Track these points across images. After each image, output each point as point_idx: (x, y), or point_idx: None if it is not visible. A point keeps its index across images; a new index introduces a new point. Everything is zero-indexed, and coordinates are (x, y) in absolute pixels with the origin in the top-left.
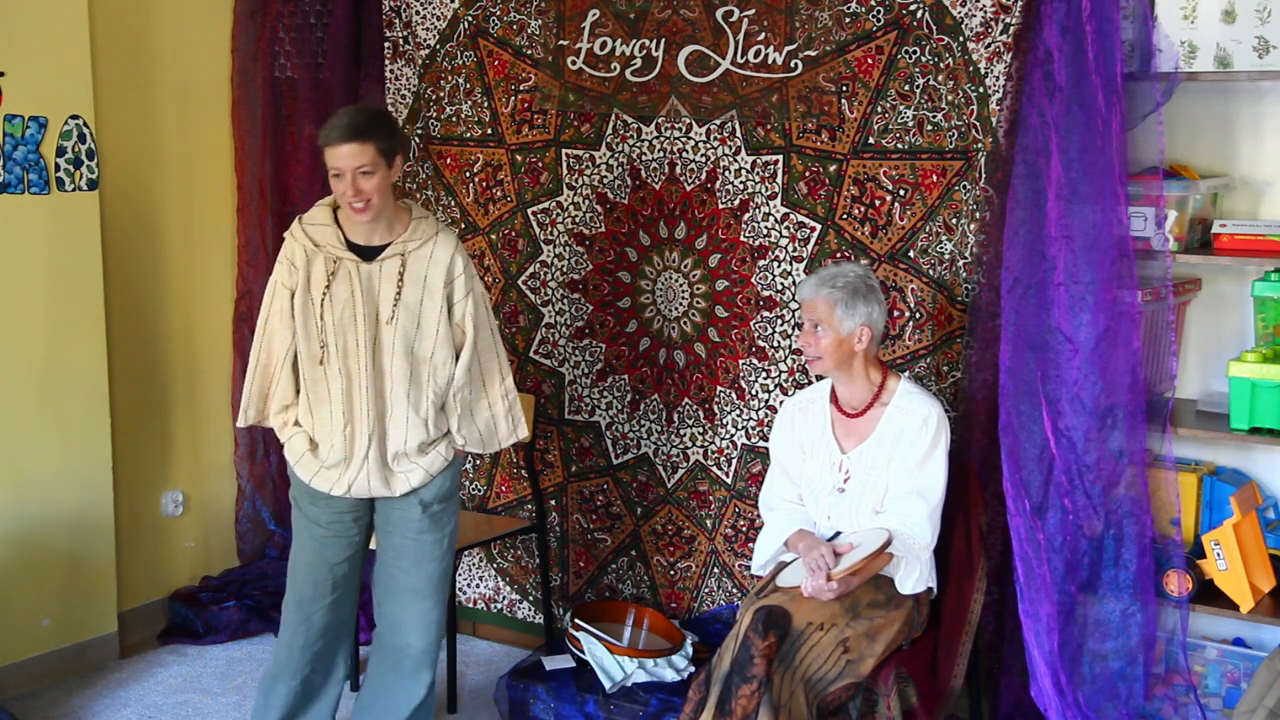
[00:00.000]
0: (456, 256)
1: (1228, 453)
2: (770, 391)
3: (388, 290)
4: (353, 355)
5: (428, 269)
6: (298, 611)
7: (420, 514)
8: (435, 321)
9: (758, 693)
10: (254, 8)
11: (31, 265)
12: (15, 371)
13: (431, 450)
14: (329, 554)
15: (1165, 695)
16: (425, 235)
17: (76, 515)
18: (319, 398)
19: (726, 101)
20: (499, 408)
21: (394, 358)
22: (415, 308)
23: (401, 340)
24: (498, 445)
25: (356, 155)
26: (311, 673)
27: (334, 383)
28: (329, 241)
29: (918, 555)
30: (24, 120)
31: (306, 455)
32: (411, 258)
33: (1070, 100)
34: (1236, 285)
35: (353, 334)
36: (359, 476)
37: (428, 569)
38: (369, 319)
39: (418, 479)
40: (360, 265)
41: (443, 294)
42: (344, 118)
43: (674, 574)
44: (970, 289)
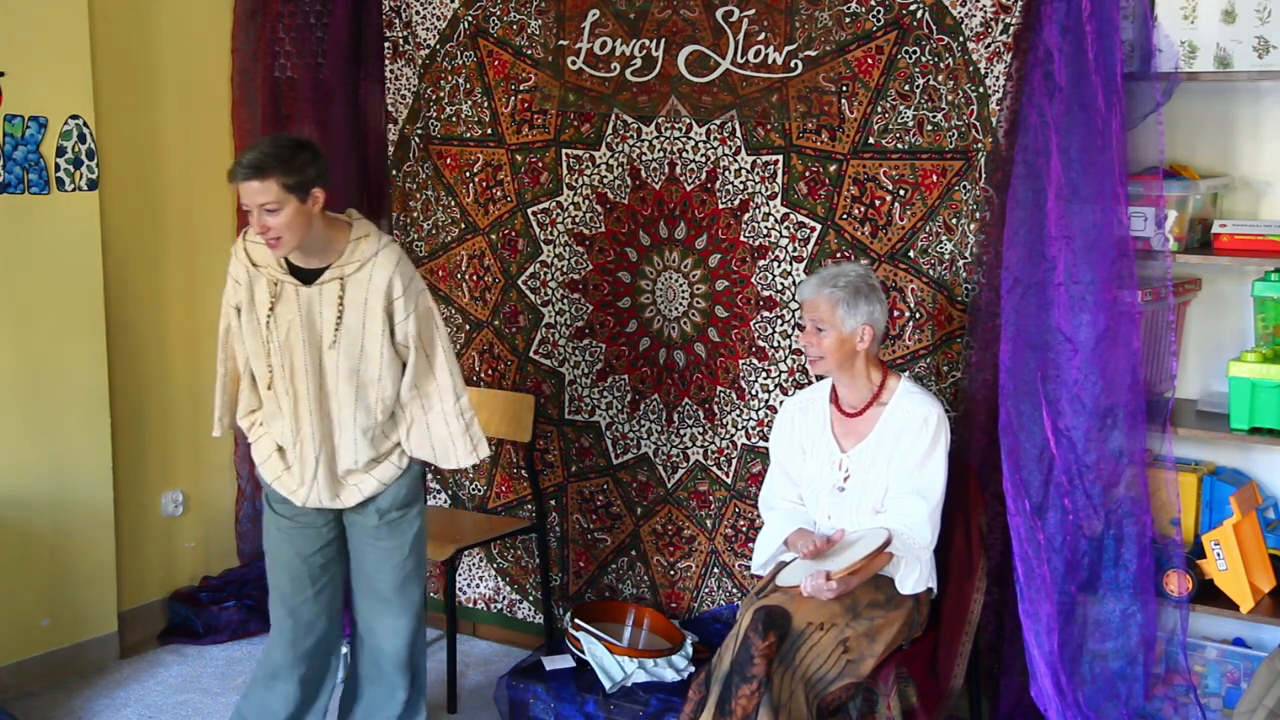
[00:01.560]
0: (395, 279)
1: (1228, 453)
2: (770, 391)
3: (329, 315)
4: (299, 376)
5: (367, 293)
6: (282, 607)
7: (377, 521)
8: (378, 345)
9: (758, 693)
10: (254, 8)
11: (31, 265)
12: (15, 371)
13: (384, 461)
14: (300, 545)
15: (1165, 695)
16: (363, 257)
17: (76, 515)
18: (271, 413)
19: (726, 101)
20: (454, 426)
21: (339, 381)
22: (358, 331)
23: (345, 364)
24: (455, 463)
25: (259, 193)
26: (308, 670)
27: (282, 400)
28: (268, 263)
29: (918, 555)
30: (24, 120)
31: (272, 457)
32: (350, 281)
33: (1070, 100)
34: (1236, 285)
35: (299, 356)
36: (311, 490)
37: (388, 575)
38: (311, 343)
39: (370, 488)
40: (300, 289)
41: (383, 317)
42: (250, 153)
43: (674, 574)
44: (970, 289)
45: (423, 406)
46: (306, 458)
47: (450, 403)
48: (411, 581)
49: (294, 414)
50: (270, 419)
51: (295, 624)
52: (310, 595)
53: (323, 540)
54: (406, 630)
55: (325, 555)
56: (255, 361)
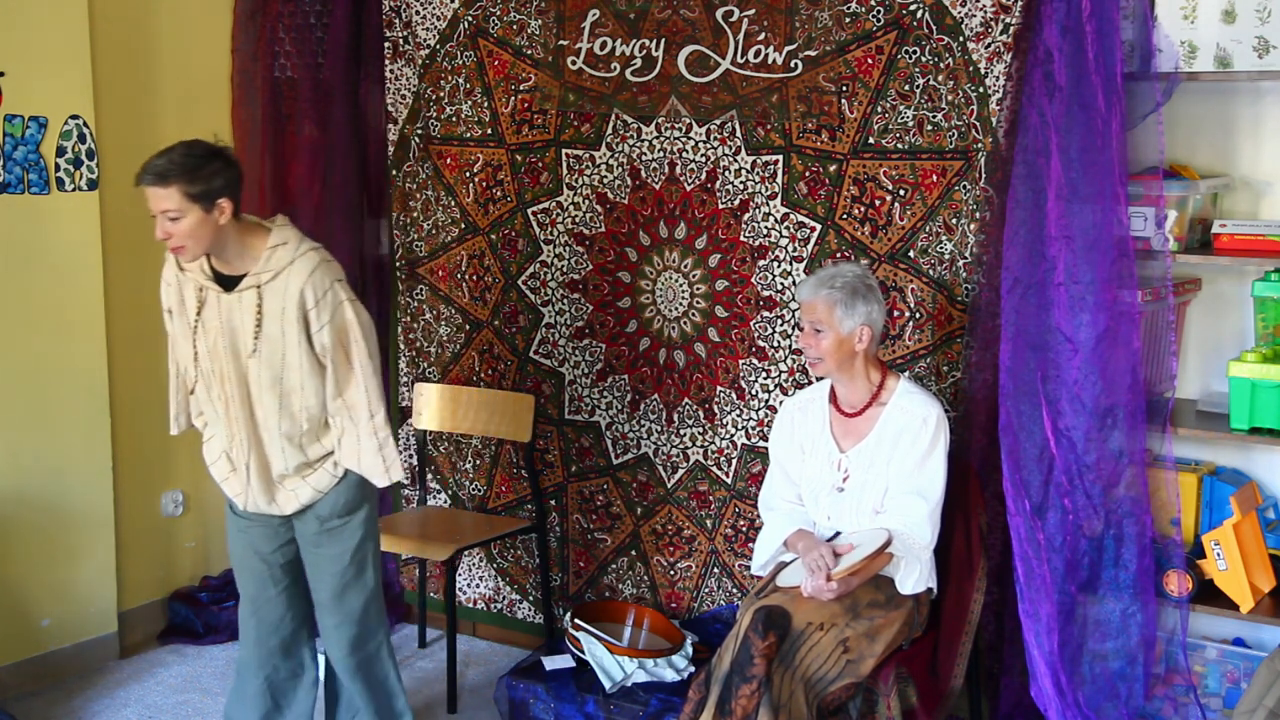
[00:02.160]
0: (306, 290)
1: (1228, 453)
2: (770, 391)
3: (248, 323)
4: (226, 382)
5: (284, 301)
6: (246, 606)
7: (317, 528)
8: (298, 354)
9: (758, 693)
10: (254, 8)
11: (31, 265)
12: (15, 371)
13: (319, 467)
14: (258, 544)
15: (1165, 695)
16: (278, 266)
17: (77, 515)
18: (211, 417)
19: (726, 101)
20: (368, 445)
21: (261, 390)
22: (277, 340)
23: (267, 372)
24: (376, 481)
25: (161, 199)
26: (276, 671)
27: (215, 405)
28: (194, 268)
29: (918, 555)
30: (24, 120)
31: (222, 459)
32: (267, 290)
33: (1070, 100)
34: (1236, 285)
35: (224, 362)
36: (249, 494)
37: (327, 583)
38: (233, 350)
39: (307, 496)
40: (222, 295)
41: (300, 326)
42: (158, 159)
43: (674, 574)
44: (970, 289)
45: (350, 418)
46: (239, 461)
47: (364, 419)
48: (352, 590)
49: (226, 419)
50: (211, 422)
51: (259, 623)
52: (273, 594)
53: (280, 539)
54: (347, 640)
55: (285, 554)
56: (185, 367)
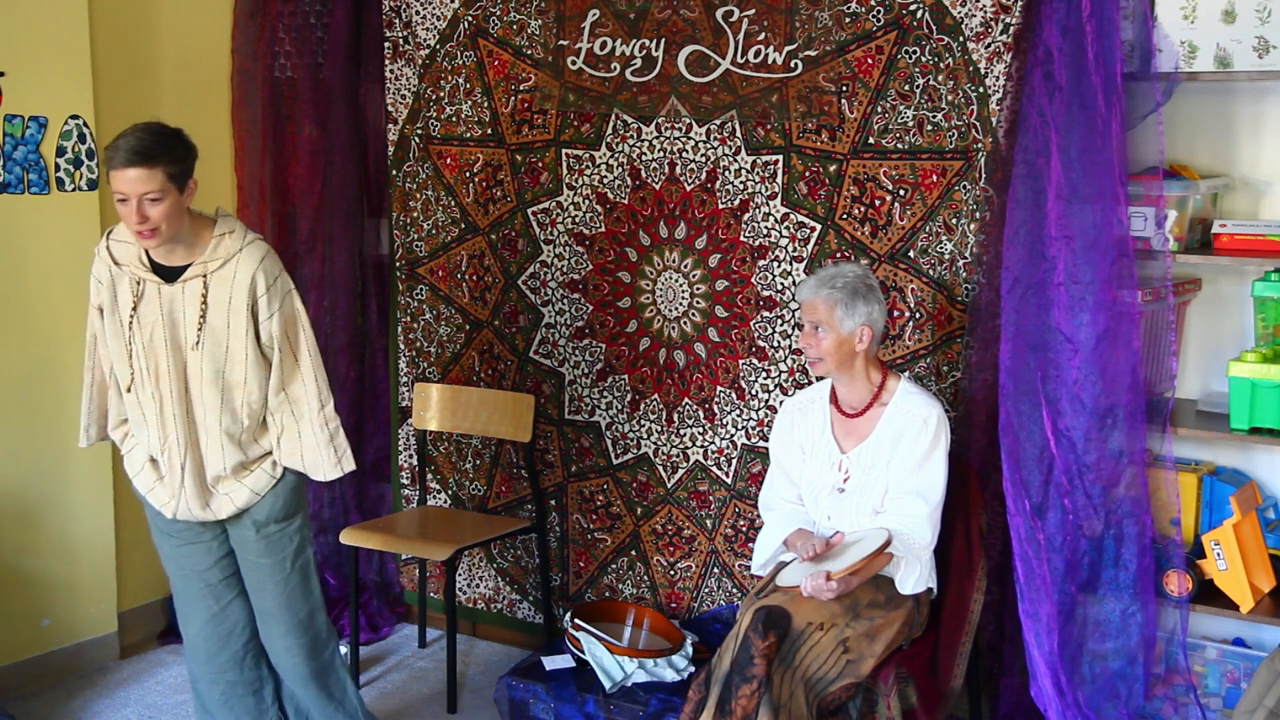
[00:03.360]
0: (258, 275)
1: (1228, 453)
2: (770, 391)
3: (191, 314)
4: (163, 379)
5: (231, 290)
6: (190, 624)
7: (254, 535)
8: (243, 345)
9: (758, 693)
10: (254, 8)
11: (31, 265)
12: (15, 371)
13: (256, 468)
14: (193, 561)
15: (1165, 695)
16: (226, 254)
17: (76, 515)
18: (137, 421)
19: (726, 101)
20: (318, 437)
21: (203, 384)
22: (222, 331)
23: (209, 365)
24: (322, 476)
25: (144, 181)
26: (230, 687)
27: (148, 406)
28: (131, 261)
29: (918, 555)
30: (24, 120)
31: (145, 469)
32: (213, 279)
33: (1070, 100)
34: (1236, 285)
35: (162, 358)
36: (180, 501)
37: (271, 592)
38: (174, 344)
39: (243, 499)
40: (162, 287)
41: (247, 315)
42: (131, 139)
43: (674, 574)
44: (970, 289)
45: (293, 414)
46: (173, 465)
47: (314, 410)
48: (298, 597)
49: (159, 420)
50: (137, 427)
51: (208, 639)
52: (217, 611)
53: (216, 554)
54: (302, 649)
55: (224, 569)
56: (118, 365)
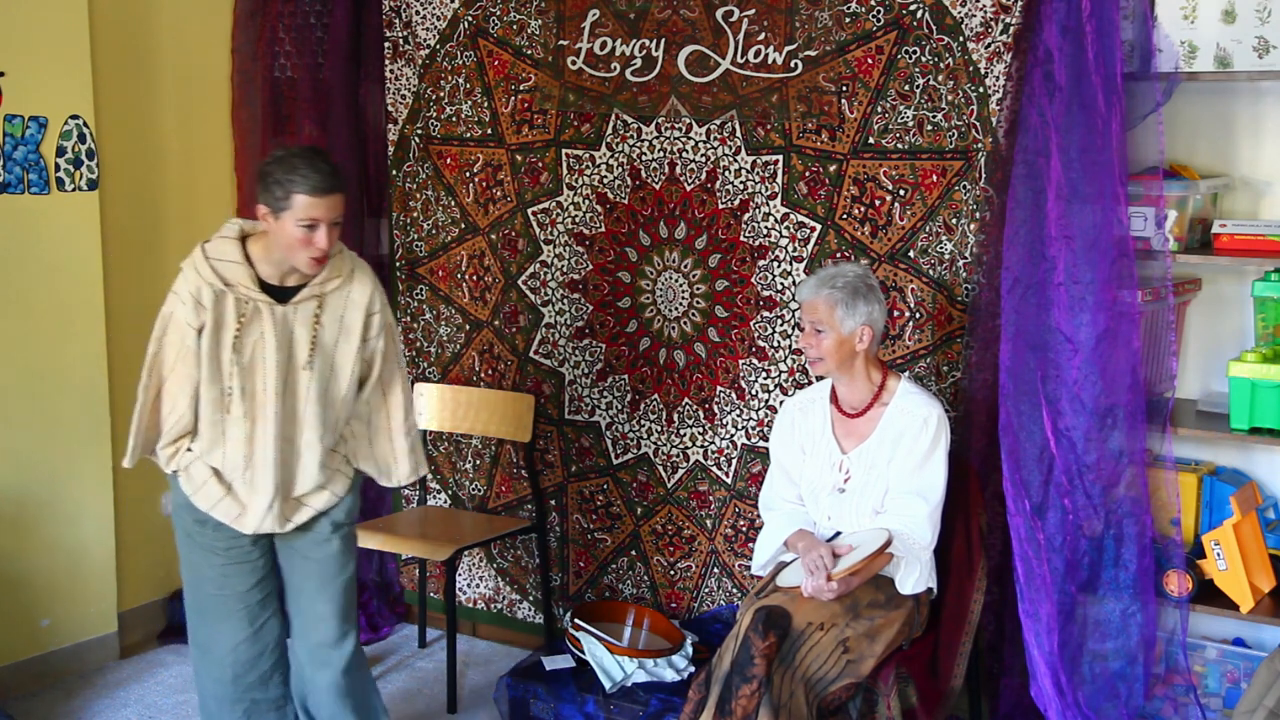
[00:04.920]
0: (375, 294)
1: (1228, 453)
2: (770, 391)
3: (303, 334)
4: (260, 399)
5: (345, 310)
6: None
7: (329, 534)
8: (350, 364)
9: (758, 693)
10: (254, 8)
11: (31, 265)
12: (15, 371)
13: (335, 473)
14: (234, 583)
15: (1165, 695)
16: (341, 273)
17: (76, 515)
18: (213, 440)
19: (726, 101)
20: (401, 444)
21: (309, 403)
22: (330, 350)
23: (318, 384)
24: (395, 481)
25: (337, 206)
26: (254, 705)
27: (234, 426)
28: (241, 281)
29: (918, 555)
30: (24, 120)
31: (209, 483)
32: (329, 299)
33: (1070, 100)
34: (1236, 285)
35: (260, 378)
36: (265, 518)
37: (333, 596)
38: (281, 364)
39: (322, 502)
40: (275, 307)
41: (360, 334)
42: (319, 163)
43: (674, 574)
44: (970, 289)
45: (371, 421)
46: (260, 484)
47: (400, 419)
48: (350, 601)
49: (247, 439)
50: (211, 446)
51: (236, 661)
52: (251, 632)
53: (259, 574)
54: (346, 654)
55: (263, 589)
56: (209, 386)
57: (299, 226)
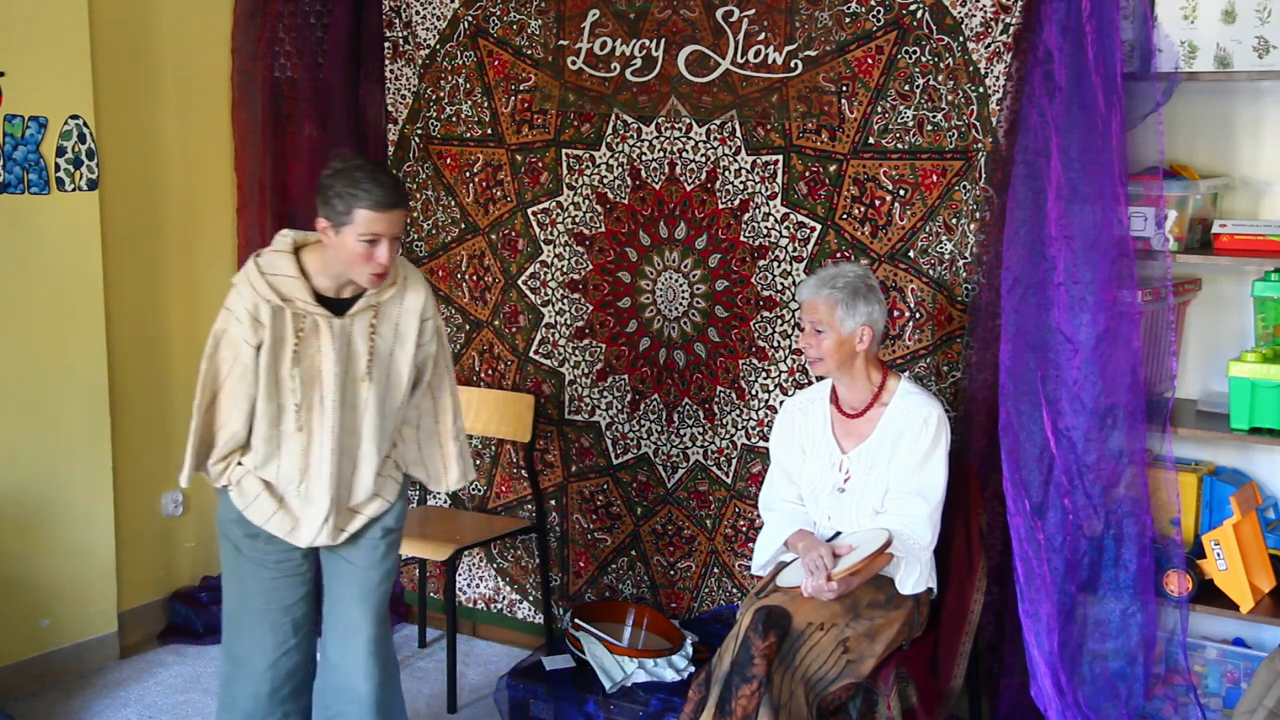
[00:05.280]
0: (427, 301)
1: (1228, 453)
2: (770, 391)
3: (361, 345)
4: (318, 412)
5: (399, 318)
6: (257, 659)
7: (379, 539)
8: (406, 371)
9: (758, 693)
10: (254, 8)
11: (31, 265)
12: (15, 371)
13: (387, 479)
14: (282, 596)
15: (1165, 695)
16: (395, 281)
17: (76, 515)
18: (267, 455)
19: (726, 101)
20: (450, 449)
21: (368, 413)
22: (386, 359)
23: (376, 394)
24: (445, 486)
25: (400, 220)
26: (283, 715)
27: (291, 440)
28: (297, 295)
29: (918, 555)
30: (24, 120)
31: (261, 497)
32: (384, 307)
33: (1070, 100)
34: (1236, 285)
35: (319, 392)
36: (321, 531)
37: (374, 603)
38: (340, 377)
39: (375, 509)
40: (333, 320)
41: (414, 341)
42: (383, 178)
43: (674, 574)
44: (970, 289)
45: (420, 426)
46: (316, 497)
47: (449, 423)
48: (386, 608)
49: (303, 453)
50: (265, 460)
51: (275, 674)
52: (292, 645)
53: (306, 587)
54: (382, 664)
55: (307, 602)
56: (266, 401)
57: (360, 241)
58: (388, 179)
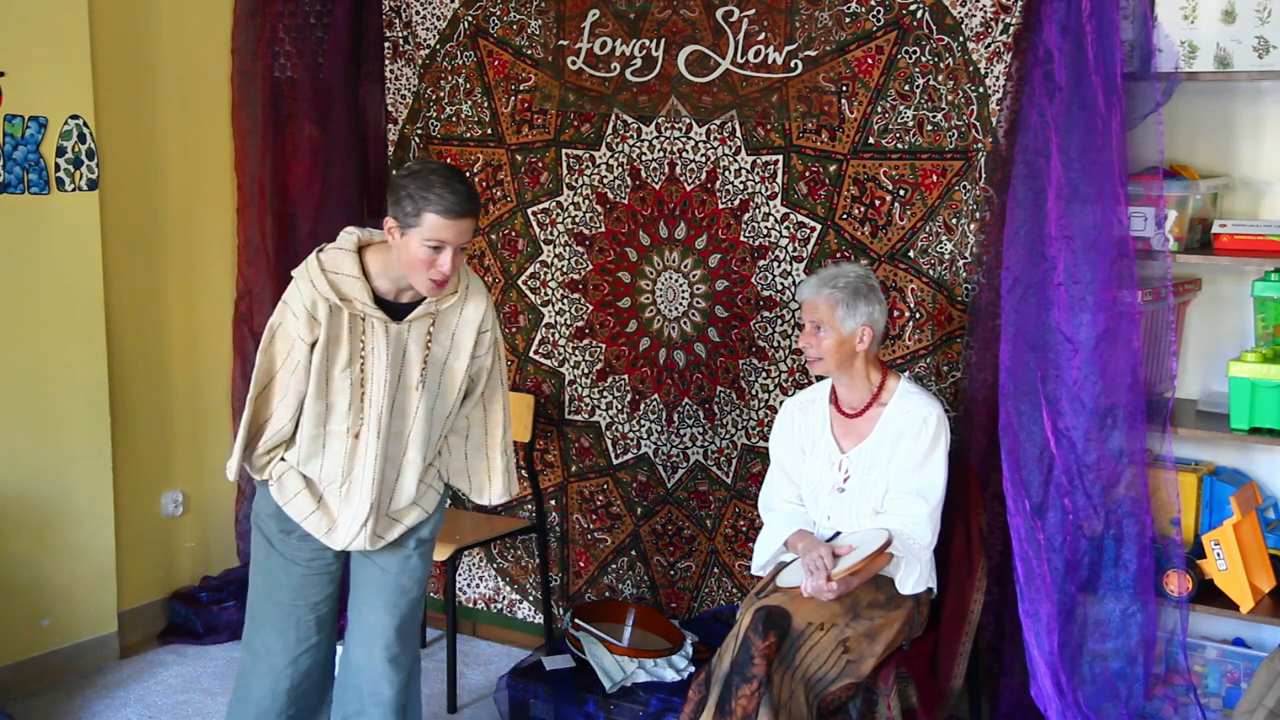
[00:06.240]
0: (488, 312)
1: (1228, 453)
2: (770, 391)
3: (416, 352)
4: (367, 416)
5: (457, 328)
6: (278, 655)
7: (414, 550)
8: (459, 382)
9: (758, 693)
10: (254, 8)
11: (31, 265)
12: (15, 371)
13: (428, 489)
14: (309, 594)
15: (1165, 695)
16: (456, 290)
17: (76, 515)
18: (311, 453)
19: (726, 101)
20: (496, 462)
21: (417, 421)
22: (440, 368)
23: (426, 403)
24: (488, 499)
25: (469, 231)
26: (297, 710)
27: (336, 440)
28: (357, 296)
29: (918, 555)
30: (24, 120)
31: (301, 494)
32: (443, 316)
33: (1070, 100)
34: (1236, 285)
35: (369, 395)
36: (360, 535)
37: (404, 610)
38: (391, 383)
39: (413, 518)
40: (390, 325)
41: (470, 352)
42: (457, 184)
43: (674, 574)
44: (970, 289)
45: (469, 437)
46: (357, 500)
47: (498, 436)
48: (416, 617)
49: (347, 456)
50: (308, 458)
51: (295, 671)
52: (314, 643)
53: (333, 585)
54: (403, 671)
55: (332, 600)
56: (315, 400)
57: (425, 246)
58: (462, 186)
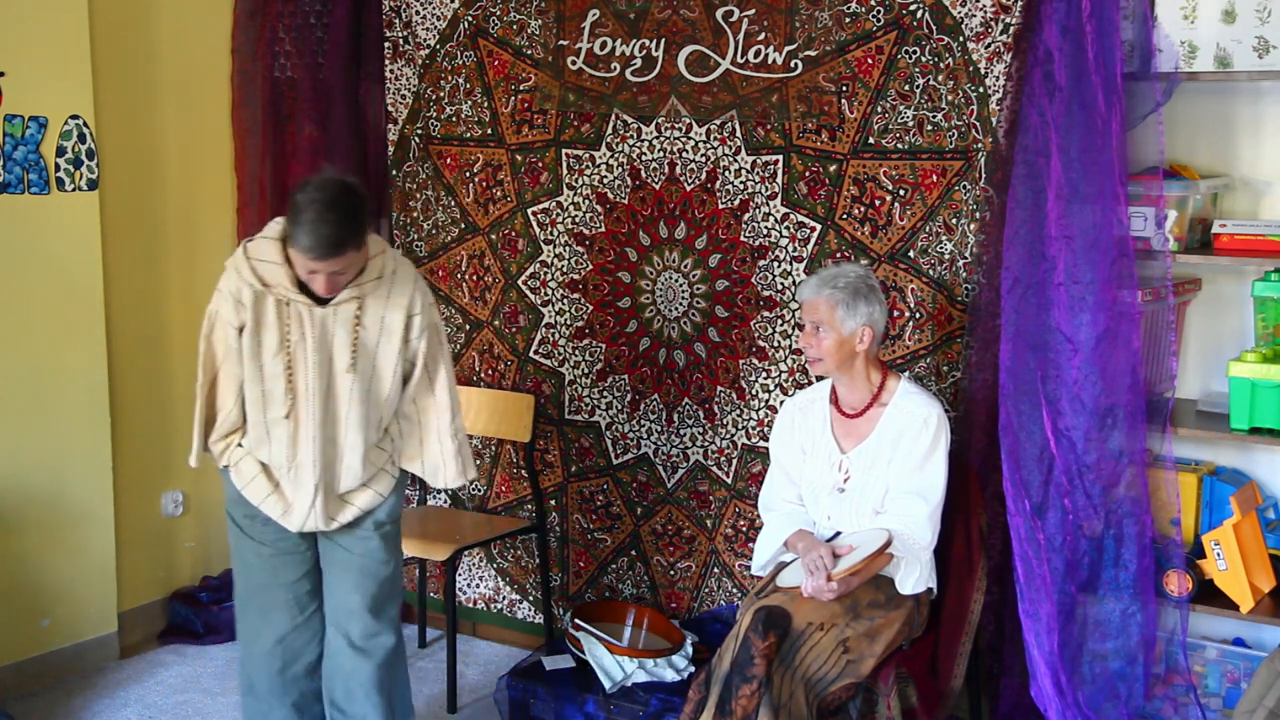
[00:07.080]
0: (416, 295)
1: (1228, 453)
2: (770, 391)
3: (344, 336)
4: (302, 400)
5: (385, 310)
6: (268, 636)
7: (371, 533)
8: (392, 364)
9: (758, 693)
10: (254, 8)
11: (31, 265)
12: (15, 371)
13: (379, 473)
14: (282, 574)
15: (1165, 695)
16: (382, 273)
17: (76, 515)
18: (258, 439)
19: (726, 101)
20: (447, 447)
21: (351, 404)
22: (372, 352)
23: (360, 385)
24: (443, 483)
25: (338, 264)
26: (301, 696)
27: (278, 427)
28: (279, 282)
29: (918, 555)
30: (24, 120)
31: (258, 478)
32: (369, 299)
33: (1070, 100)
34: (1236, 285)
35: (304, 379)
36: (309, 517)
37: (373, 592)
38: (322, 366)
39: (366, 501)
40: (313, 309)
41: (401, 335)
42: (326, 227)
43: (674, 574)
44: (970, 289)
45: (420, 421)
46: (303, 483)
47: (447, 421)
48: (392, 599)
49: (291, 440)
50: (257, 444)
51: (285, 651)
52: (301, 621)
53: (306, 565)
54: (381, 649)
55: (310, 580)
56: (251, 385)
57: (303, 267)
58: (327, 228)
